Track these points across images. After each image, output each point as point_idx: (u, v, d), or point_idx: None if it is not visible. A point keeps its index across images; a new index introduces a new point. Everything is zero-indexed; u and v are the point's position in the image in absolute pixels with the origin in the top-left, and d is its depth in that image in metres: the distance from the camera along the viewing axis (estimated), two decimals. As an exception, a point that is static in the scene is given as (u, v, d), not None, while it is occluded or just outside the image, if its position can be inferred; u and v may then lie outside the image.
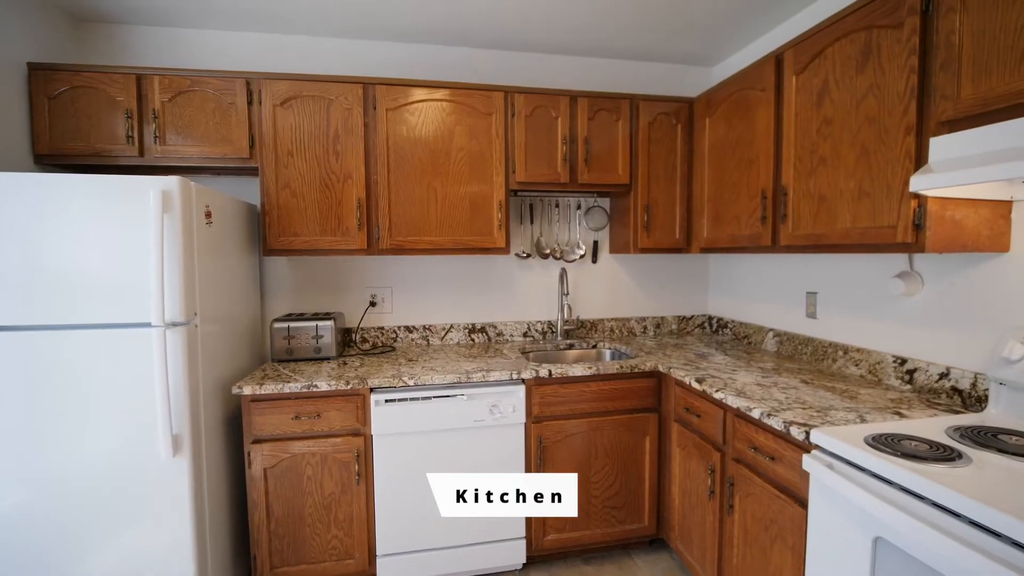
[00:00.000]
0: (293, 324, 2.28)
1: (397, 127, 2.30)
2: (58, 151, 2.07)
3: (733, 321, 2.85)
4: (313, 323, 2.30)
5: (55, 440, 1.67)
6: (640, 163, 2.56)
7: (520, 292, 2.86)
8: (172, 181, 1.69)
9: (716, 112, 2.39)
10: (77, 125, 2.07)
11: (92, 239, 1.65)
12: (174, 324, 1.72)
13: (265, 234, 2.21)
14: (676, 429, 2.16)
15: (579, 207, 2.89)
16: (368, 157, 2.29)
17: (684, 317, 3.07)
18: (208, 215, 1.91)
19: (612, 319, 2.97)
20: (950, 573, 0.99)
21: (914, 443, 1.23)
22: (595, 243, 2.91)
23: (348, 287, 2.66)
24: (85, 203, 1.64)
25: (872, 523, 1.17)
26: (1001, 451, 1.18)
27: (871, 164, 1.56)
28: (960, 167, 1.20)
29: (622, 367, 2.22)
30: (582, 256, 2.87)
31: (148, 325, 1.69)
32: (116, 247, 1.67)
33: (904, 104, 1.45)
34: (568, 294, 2.75)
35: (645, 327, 3.02)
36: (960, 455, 1.16)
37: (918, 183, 1.27)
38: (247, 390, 1.91)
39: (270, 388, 1.92)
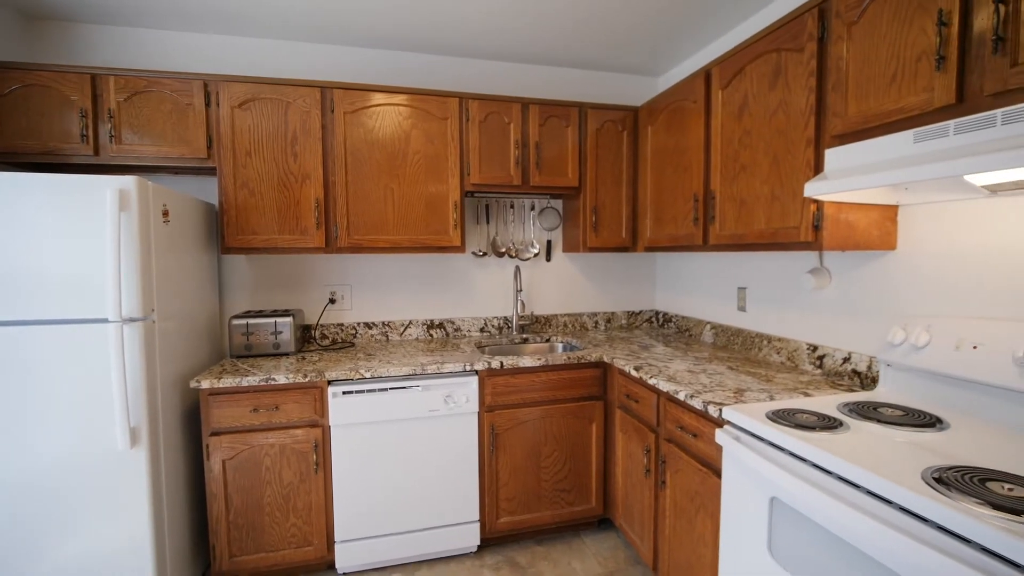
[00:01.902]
0: (252, 320, 2.34)
1: (355, 130, 2.38)
2: (9, 149, 2.07)
3: (677, 315, 3.04)
4: (272, 319, 2.36)
5: (10, 435, 1.69)
6: (589, 167, 2.72)
7: (477, 289, 2.98)
8: (129, 180, 1.74)
9: (657, 121, 2.57)
10: (29, 123, 2.08)
11: (48, 237, 1.69)
12: (131, 320, 1.77)
13: (223, 233, 2.26)
14: (619, 415, 2.32)
15: (533, 208, 3.03)
16: (326, 158, 2.37)
17: (633, 312, 3.26)
18: (165, 214, 1.96)
19: (566, 314, 3.13)
20: (822, 521, 1.17)
21: (806, 416, 1.41)
22: (548, 242, 3.06)
23: (308, 285, 2.72)
24: (41, 201, 1.68)
25: (768, 485, 1.34)
26: (877, 421, 1.37)
27: (781, 171, 1.75)
28: (843, 176, 1.39)
29: (570, 358, 2.37)
30: (536, 255, 3.01)
31: (105, 321, 1.74)
32: (72, 244, 1.70)
33: (805, 119, 1.64)
34: (522, 291, 2.88)
35: (597, 322, 3.19)
36: (842, 424, 1.35)
37: (810, 189, 1.46)
38: (205, 384, 1.97)
39: (228, 382, 1.99)
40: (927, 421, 1.35)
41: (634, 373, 2.10)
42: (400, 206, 2.46)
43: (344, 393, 2.11)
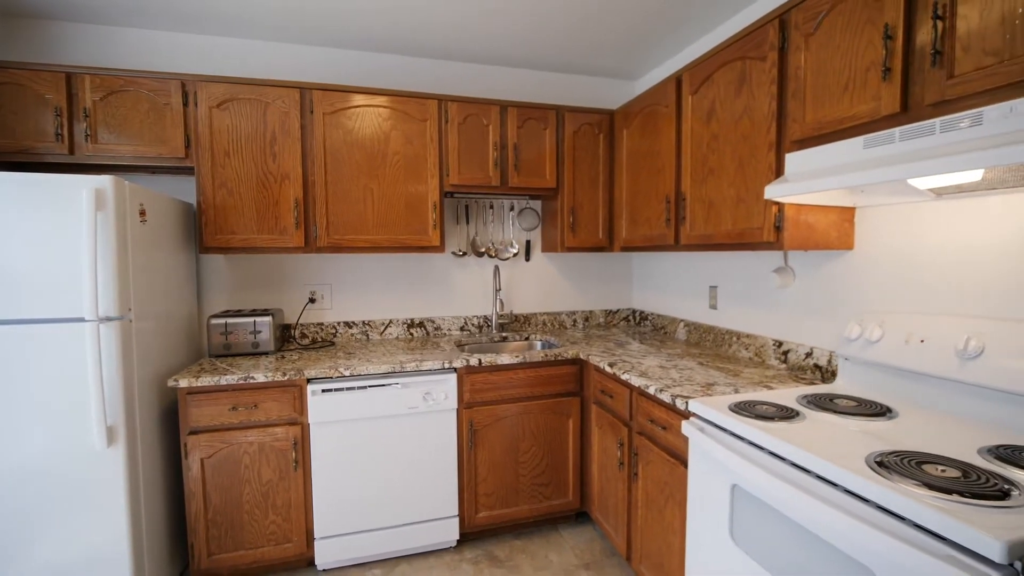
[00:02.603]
0: (231, 320, 2.35)
1: (334, 130, 2.40)
2: (-19, 147, 2.05)
3: (653, 313, 3.12)
4: (251, 319, 2.37)
5: (-18, 434, 1.69)
6: (566, 169, 2.78)
7: (457, 288, 3.02)
8: (105, 180, 1.75)
9: (632, 124, 2.64)
10: (3, 122, 2.06)
11: (23, 235, 1.68)
12: (108, 319, 1.77)
13: (202, 232, 2.27)
14: (595, 410, 2.38)
15: (512, 208, 3.08)
16: (305, 158, 2.38)
17: (611, 311, 3.33)
18: (143, 213, 1.96)
19: (544, 313, 3.18)
20: (777, 505, 1.24)
21: (766, 407, 1.48)
22: (527, 242, 3.11)
23: (287, 284, 2.73)
24: (16, 200, 1.67)
25: (729, 473, 1.41)
26: (832, 411, 1.45)
27: (746, 175, 1.82)
28: (800, 179, 1.46)
29: (547, 355, 2.42)
30: (515, 254, 3.06)
31: (82, 320, 1.74)
32: (48, 244, 1.70)
33: (768, 124, 1.71)
34: (501, 290, 2.93)
35: (575, 320, 3.25)
36: (798, 414, 1.42)
37: (770, 192, 1.53)
38: (183, 383, 1.97)
39: (207, 380, 2.00)
40: (878, 411, 1.43)
41: (608, 369, 2.16)
42: (380, 206, 2.49)
43: (324, 391, 2.13)
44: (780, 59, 1.67)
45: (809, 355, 1.96)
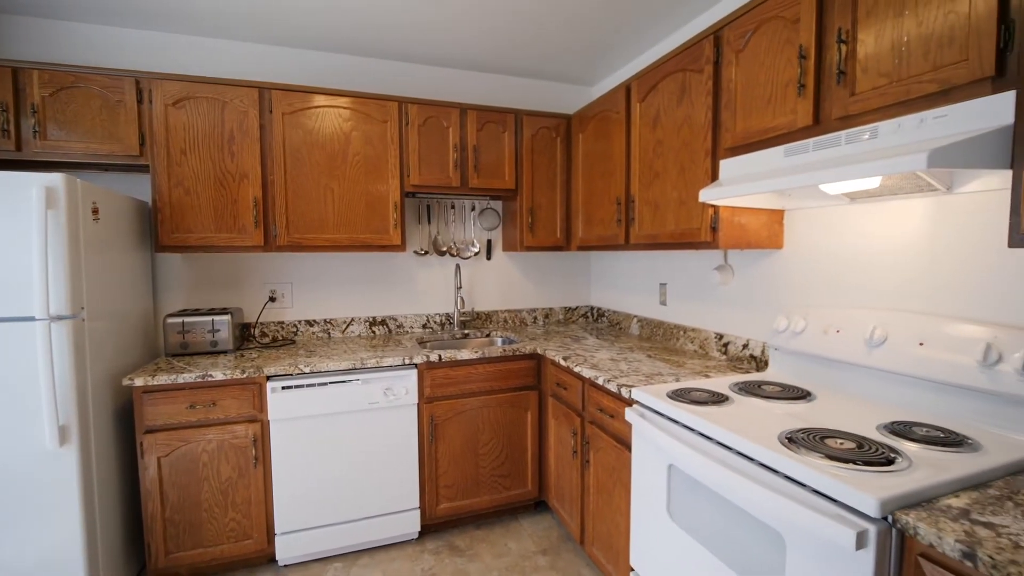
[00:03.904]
0: (188, 319, 2.34)
1: (294, 130, 2.43)
2: (-80, 142, 1.99)
3: (609, 310, 3.25)
4: (209, 318, 2.37)
5: (-75, 436, 1.65)
6: (525, 171, 2.87)
7: (419, 287, 3.07)
8: (56, 178, 1.73)
9: (587, 129, 2.76)
10: (-57, 116, 2.01)
11: (-33, 234, 1.66)
12: (59, 317, 1.76)
13: (157, 231, 2.26)
14: (551, 402, 2.49)
15: (474, 209, 3.15)
16: (264, 158, 2.40)
17: (570, 308, 3.45)
18: (95, 211, 1.95)
19: (506, 311, 3.27)
20: (705, 480, 1.36)
21: (700, 393, 1.61)
22: (489, 242, 3.19)
23: (247, 283, 2.73)
24: (-41, 198, 1.65)
25: (666, 454, 1.53)
26: (759, 396, 1.59)
27: (686, 179, 1.96)
28: (729, 184, 1.59)
29: (505, 351, 2.51)
30: (477, 253, 3.14)
31: (32, 319, 1.72)
32: (-6, 242, 1.68)
33: (704, 132, 1.85)
34: (462, 288, 3.00)
35: (536, 317, 3.35)
36: (728, 399, 1.55)
37: (703, 195, 1.66)
38: (139, 381, 1.97)
39: (163, 379, 2.00)
40: (799, 395, 1.58)
41: (562, 362, 2.27)
42: (340, 206, 2.52)
43: (283, 388, 2.16)
44: (715, 72, 1.80)
45: (746, 346, 2.11)
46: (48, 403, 1.71)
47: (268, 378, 2.15)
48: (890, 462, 1.08)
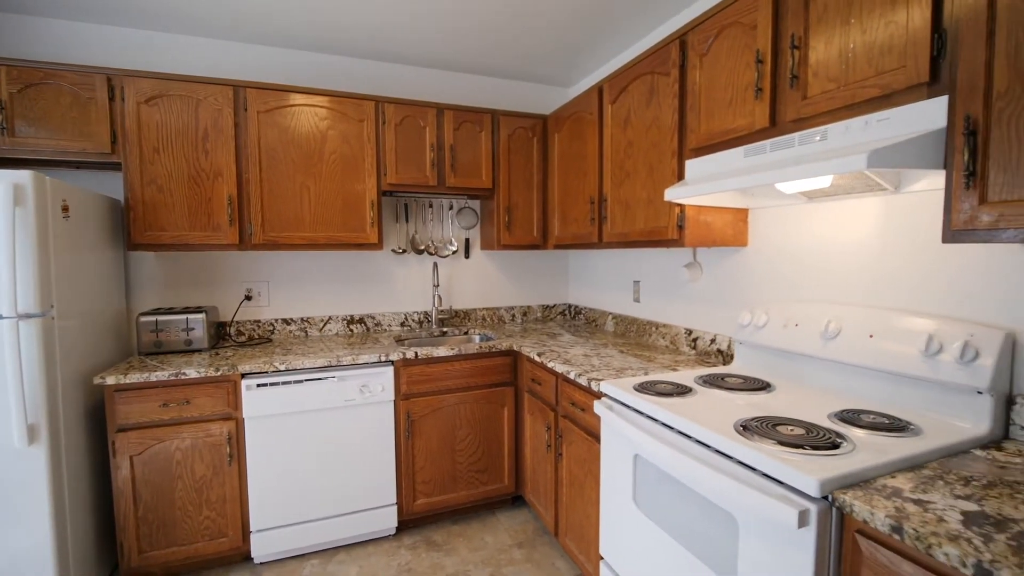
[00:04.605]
0: (162, 318, 2.33)
1: (269, 129, 2.43)
2: None
3: (586, 308, 3.31)
4: (183, 316, 2.36)
5: None
6: (502, 170, 2.91)
7: (397, 285, 3.09)
8: (24, 175, 1.72)
9: (563, 129, 2.80)
10: (-94, 112, 1.97)
11: (-69, 231, 1.64)
12: (28, 316, 1.75)
13: (130, 229, 2.24)
14: (527, 398, 2.53)
15: (451, 207, 3.18)
16: (239, 156, 2.40)
17: (548, 305, 3.49)
18: (65, 209, 1.94)
19: (484, 309, 3.31)
20: (666, 468, 1.41)
21: (665, 386, 1.66)
22: (467, 240, 3.22)
23: (222, 281, 2.72)
24: (-78, 194, 1.63)
25: (632, 444, 1.58)
26: (721, 388, 1.65)
27: (655, 178, 2.01)
28: (693, 183, 1.65)
29: (482, 347, 2.55)
30: (455, 252, 3.17)
31: (0, 317, 1.71)
32: (-40, 239, 1.66)
33: (671, 133, 1.90)
34: (439, 286, 3.03)
35: (514, 315, 3.39)
36: (691, 391, 1.61)
37: (668, 194, 1.71)
38: (110, 380, 1.96)
39: (136, 377, 1.99)
40: (759, 386, 1.64)
41: (537, 358, 2.31)
42: (316, 204, 2.53)
43: (259, 386, 2.16)
44: (681, 75, 1.86)
45: (713, 341, 2.18)
46: (16, 402, 1.69)
47: (243, 376, 2.15)
48: (835, 446, 1.14)
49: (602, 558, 1.79)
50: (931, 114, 1.11)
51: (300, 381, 2.22)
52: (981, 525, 0.85)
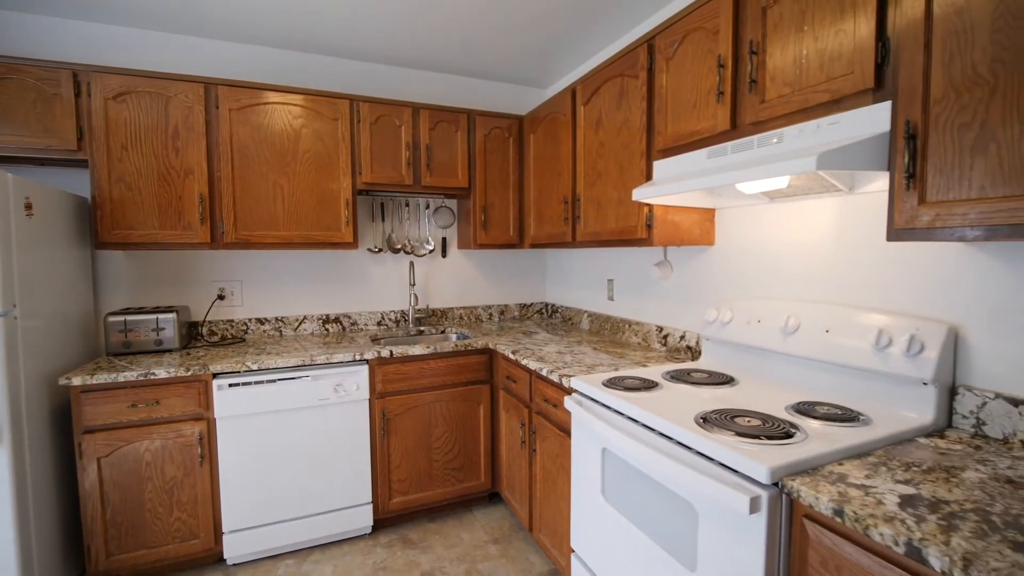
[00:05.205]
0: (131, 317, 2.29)
1: (241, 127, 2.41)
2: None
3: (562, 306, 3.35)
4: (153, 316, 2.33)
5: None
6: (478, 170, 2.93)
7: (373, 284, 3.09)
8: (-16, 172, 1.69)
9: (538, 130, 2.84)
10: None
11: None
12: (-11, 315, 1.71)
13: (97, 227, 2.21)
14: (502, 396, 2.55)
15: (428, 207, 3.19)
16: (211, 154, 2.37)
17: (525, 304, 3.52)
18: (28, 207, 1.90)
19: (461, 307, 3.32)
20: (631, 460, 1.45)
21: (632, 381, 1.71)
22: (444, 239, 3.23)
23: (194, 281, 2.69)
24: None
25: (600, 438, 1.61)
26: (687, 383, 1.69)
27: (625, 179, 2.05)
28: (660, 184, 1.69)
29: (457, 346, 2.56)
30: (431, 251, 3.18)
31: (-43, 316, 1.67)
32: (-84, 237, 1.62)
33: (640, 135, 1.95)
34: (415, 285, 3.04)
35: (491, 314, 3.41)
36: (658, 386, 1.65)
37: (636, 194, 1.75)
38: (76, 380, 1.93)
39: (103, 378, 1.96)
40: (723, 380, 1.69)
41: (512, 356, 2.34)
42: (290, 203, 2.52)
43: (231, 385, 2.15)
44: (649, 78, 1.90)
45: (683, 337, 2.23)
46: (-23, 403, 1.66)
47: (215, 375, 2.14)
48: (789, 436, 1.19)
49: (573, 551, 1.82)
50: (876, 118, 1.16)
51: (273, 380, 2.21)
52: (916, 507, 0.90)
